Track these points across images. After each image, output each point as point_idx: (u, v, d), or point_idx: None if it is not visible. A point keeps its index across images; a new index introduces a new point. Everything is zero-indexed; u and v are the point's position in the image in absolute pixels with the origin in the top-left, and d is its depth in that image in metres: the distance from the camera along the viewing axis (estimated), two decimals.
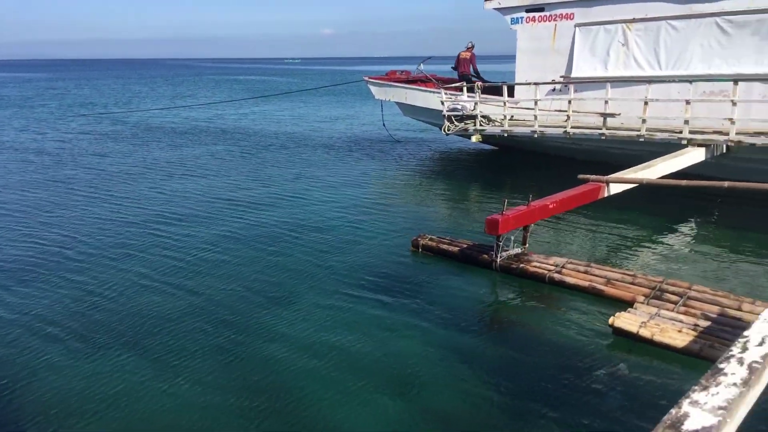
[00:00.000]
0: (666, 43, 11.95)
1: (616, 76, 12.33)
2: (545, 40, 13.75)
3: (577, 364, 5.30)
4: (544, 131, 12.65)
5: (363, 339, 5.82)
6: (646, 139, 11.10)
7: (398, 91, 17.04)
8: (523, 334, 6.00)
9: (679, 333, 5.47)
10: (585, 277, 6.87)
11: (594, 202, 8.64)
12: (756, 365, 3.56)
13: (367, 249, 8.47)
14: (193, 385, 5.06)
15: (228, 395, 4.90)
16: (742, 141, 10.14)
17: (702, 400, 3.18)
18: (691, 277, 7.12)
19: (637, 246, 8.63)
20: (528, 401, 4.76)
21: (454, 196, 12.33)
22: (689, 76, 11.28)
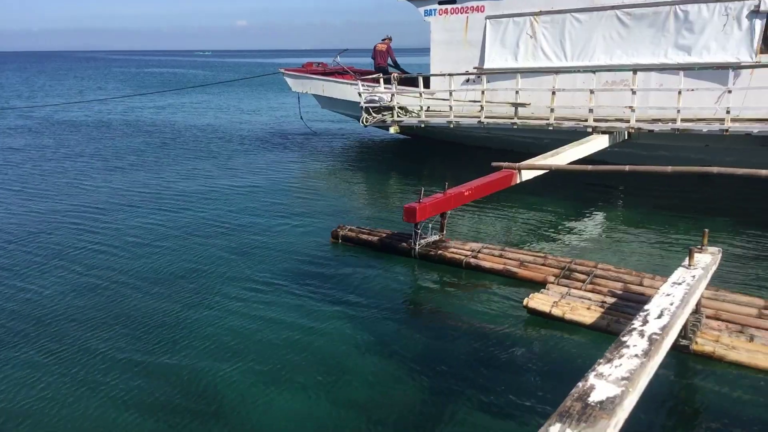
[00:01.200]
0: (571, 35, 12.46)
1: (525, 67, 12.75)
2: (458, 32, 14.01)
3: (495, 345, 5.46)
4: (460, 121, 12.92)
5: (284, 333, 5.74)
6: (554, 128, 11.55)
7: (315, 83, 16.90)
8: (443, 319, 6.11)
9: (587, 310, 5.74)
10: (500, 260, 7.08)
11: (507, 189, 8.91)
12: (656, 337, 3.78)
13: (286, 242, 8.36)
14: (101, 391, 4.82)
15: (142, 398, 4.71)
16: (642, 128, 10.74)
17: (606, 372, 3.35)
18: (597, 256, 7.49)
19: (548, 229, 8.99)
20: (450, 383, 4.85)
21: (374, 187, 12.38)
22: (592, 66, 11.83)
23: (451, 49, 14.20)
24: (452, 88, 12.75)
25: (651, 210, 9.66)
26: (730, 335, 5.15)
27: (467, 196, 7.89)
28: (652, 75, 11.37)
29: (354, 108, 15.08)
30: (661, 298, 4.37)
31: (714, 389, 4.67)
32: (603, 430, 2.83)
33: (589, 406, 3.00)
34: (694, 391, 4.76)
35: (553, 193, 10.56)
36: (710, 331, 5.21)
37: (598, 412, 2.95)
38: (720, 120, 10.04)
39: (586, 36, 12.28)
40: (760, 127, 9.79)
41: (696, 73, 10.60)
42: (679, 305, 4.24)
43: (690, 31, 11.11)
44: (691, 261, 4.93)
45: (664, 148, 11.14)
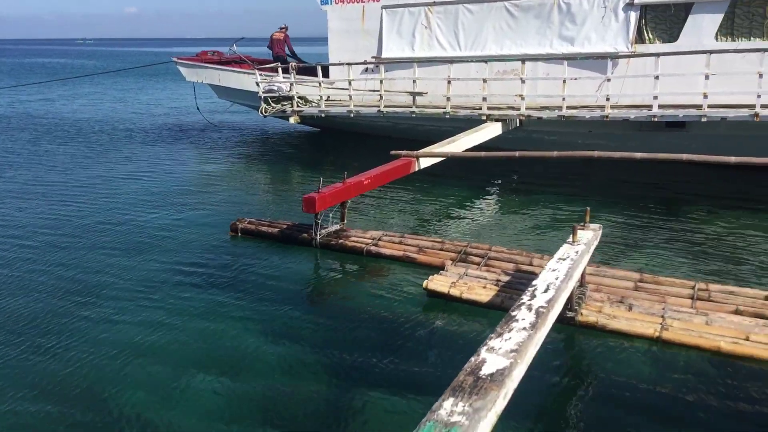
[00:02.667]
0: (464, 26, 12.82)
1: (421, 57, 13.00)
2: (355, 21, 14.04)
3: (397, 328, 5.55)
4: (360, 110, 12.98)
5: (184, 330, 5.56)
6: (451, 116, 11.88)
7: (210, 72, 16.38)
8: (346, 307, 6.14)
9: (483, 289, 5.97)
10: (400, 247, 7.21)
11: (407, 176, 9.07)
12: (542, 310, 4.00)
13: (184, 238, 8.09)
14: None
15: (35, 406, 4.39)
16: (531, 115, 11.27)
17: (497, 345, 3.50)
18: (492, 239, 7.80)
19: (446, 215, 9.25)
20: (355, 369, 4.89)
21: (275, 178, 12.21)
22: (484, 56, 12.25)
23: (348, 39, 14.21)
24: (351, 78, 12.78)
25: (541, 192, 10.16)
26: (611, 306, 5.53)
27: (367, 184, 7.96)
28: (540, 65, 11.93)
29: (252, 98, 14.77)
30: (548, 273, 4.63)
31: (598, 355, 5.00)
32: (493, 401, 2.96)
33: (480, 379, 3.12)
34: (581, 358, 5.09)
35: (451, 179, 10.86)
36: (594, 303, 5.57)
37: (489, 384, 3.09)
38: (601, 107, 10.70)
39: (477, 27, 12.69)
40: (636, 113, 10.54)
41: (578, 63, 11.23)
42: (564, 279, 4.51)
43: (572, 22, 11.76)
44: (574, 238, 5.25)
45: (553, 134, 11.75)
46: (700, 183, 10.44)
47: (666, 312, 5.30)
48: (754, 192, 9.70)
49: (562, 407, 4.41)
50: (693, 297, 5.63)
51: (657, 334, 5.01)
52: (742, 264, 6.88)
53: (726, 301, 5.53)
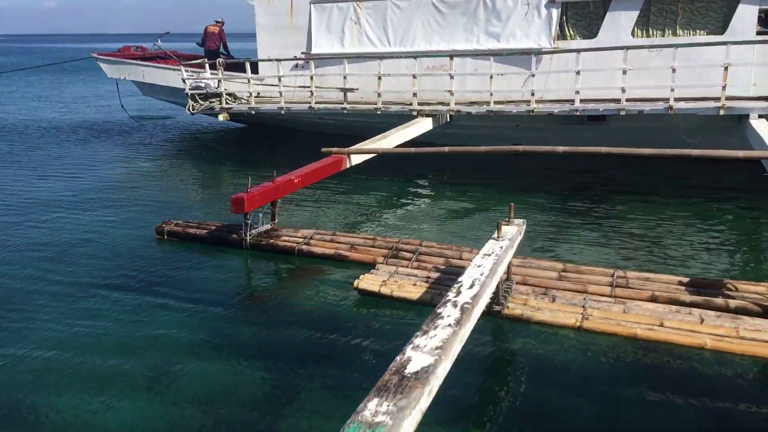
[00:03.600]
0: (392, 22, 12.88)
1: (351, 53, 12.96)
2: (283, 16, 13.86)
3: (328, 329, 5.52)
4: (291, 107, 12.83)
5: (110, 339, 5.35)
6: (382, 112, 11.91)
7: (134, 68, 15.80)
8: (278, 308, 6.06)
9: (413, 286, 6.03)
10: (331, 245, 7.19)
11: (339, 174, 9.04)
12: (467, 306, 4.07)
13: (106, 242, 7.79)
14: None
15: None
16: (461, 110, 11.45)
17: (422, 343, 3.54)
18: (423, 234, 7.89)
19: (378, 211, 9.29)
20: (287, 371, 4.83)
21: (203, 178, 11.92)
22: (414, 52, 12.35)
23: (277, 34, 14.01)
24: (281, 74, 12.61)
25: (471, 187, 10.36)
26: (536, 298, 5.70)
27: (297, 183, 7.88)
28: (468, 60, 12.13)
29: (179, 95, 14.34)
30: (473, 269, 4.72)
31: (524, 347, 5.14)
32: (417, 399, 3.00)
33: (405, 378, 3.15)
34: (508, 350, 5.21)
35: (383, 175, 10.91)
36: (519, 296, 5.73)
37: (414, 382, 3.12)
38: (527, 102, 10.98)
39: (406, 23, 12.76)
40: (560, 108, 10.88)
41: (504, 59, 11.49)
42: (489, 274, 4.61)
43: (497, 19, 12.01)
44: (499, 233, 5.37)
45: (482, 129, 11.97)
46: (620, 175, 10.89)
47: (587, 302, 5.52)
48: (666, 183, 10.20)
49: (490, 399, 4.52)
50: (612, 284, 5.87)
51: (578, 323, 5.21)
52: (657, 251, 7.23)
53: (643, 288, 5.80)
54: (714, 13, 10.82)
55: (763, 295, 5.51)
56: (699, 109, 9.92)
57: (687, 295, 5.62)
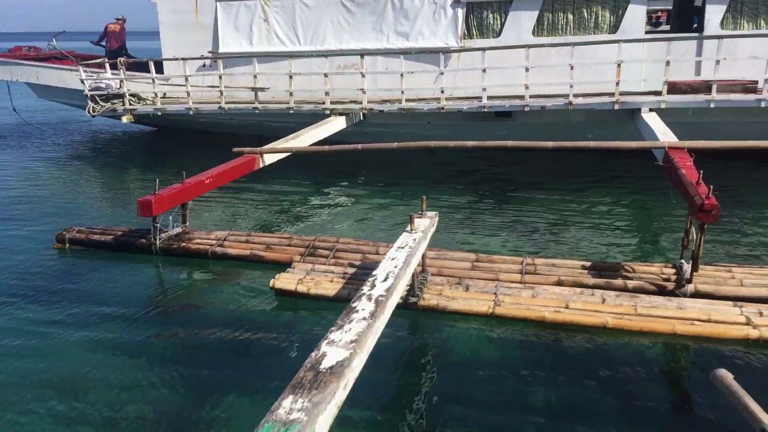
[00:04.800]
0: (302, 20, 12.79)
1: (261, 52, 12.77)
2: (188, 14, 13.44)
3: (246, 331, 5.42)
4: (199, 108, 12.47)
5: (9, 359, 5.00)
6: (295, 111, 11.81)
7: (27, 69, 14.83)
8: (193, 313, 5.89)
9: (330, 283, 6.03)
10: (246, 246, 7.06)
11: (252, 174, 8.88)
12: (381, 298, 4.11)
13: (4, 254, 7.27)
14: None
15: None
16: (373, 108, 11.54)
17: (337, 338, 3.55)
18: (339, 232, 7.90)
19: (293, 210, 9.21)
20: (204, 377, 4.71)
21: (108, 183, 11.38)
22: (324, 51, 12.32)
23: (182, 33, 13.57)
24: (188, 74, 12.22)
25: (385, 184, 10.47)
26: (450, 288, 5.84)
27: (208, 184, 7.68)
28: (379, 59, 12.24)
29: (78, 96, 13.58)
30: (387, 262, 4.77)
31: (440, 336, 5.26)
32: (332, 393, 3.00)
33: (320, 373, 3.15)
34: (424, 340, 5.31)
35: (298, 174, 10.83)
36: (435, 287, 5.85)
37: (329, 376, 3.12)
38: (437, 99, 11.22)
39: (316, 21, 12.71)
40: (468, 105, 11.18)
41: (414, 57, 11.68)
42: (402, 267, 4.67)
43: (406, 18, 12.20)
44: (412, 226, 5.46)
45: (395, 126, 12.12)
46: (528, 167, 11.34)
47: (498, 289, 5.71)
48: (570, 174, 10.73)
49: (408, 387, 4.59)
50: (522, 271, 6.11)
51: (491, 310, 5.38)
52: (562, 239, 7.60)
53: (550, 273, 6.08)
54: (607, 14, 11.48)
55: (657, 274, 5.91)
56: (596, 104, 10.49)
57: (590, 277, 5.94)
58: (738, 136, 7.93)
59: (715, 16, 10.94)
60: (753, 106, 9.79)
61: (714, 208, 5.30)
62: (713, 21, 10.97)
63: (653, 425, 4.01)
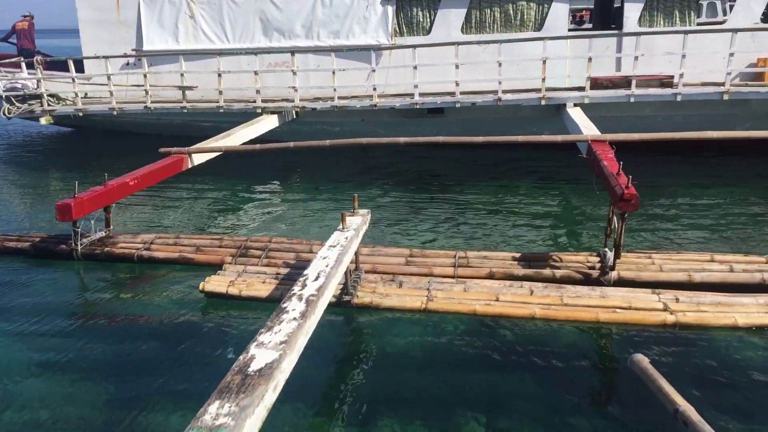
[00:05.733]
0: (230, 17, 12.52)
1: (188, 49, 12.42)
2: (109, 10, 12.92)
3: (176, 337, 5.26)
4: (124, 108, 12.01)
5: None
6: (225, 110, 11.55)
7: None
8: (119, 319, 5.65)
9: (263, 284, 5.93)
10: (175, 248, 6.85)
11: (181, 174, 8.63)
12: (312, 298, 4.07)
13: None
14: None
15: None
16: (306, 106, 11.43)
17: (267, 340, 3.48)
18: (272, 231, 7.78)
19: (224, 211, 9.01)
20: (134, 386, 4.54)
21: (25, 187, 10.79)
22: (254, 48, 12.11)
23: (103, 30, 13.03)
24: (111, 72, 11.74)
25: (319, 182, 10.38)
26: (384, 285, 5.85)
27: (133, 186, 7.40)
28: (310, 56, 12.13)
29: None
30: (319, 261, 4.73)
31: (374, 333, 5.26)
32: (261, 396, 2.95)
33: (248, 376, 3.08)
34: (359, 338, 5.30)
35: (229, 174, 10.61)
36: (368, 284, 5.84)
37: (257, 379, 3.06)
38: (369, 97, 11.22)
39: (244, 18, 12.48)
40: (401, 101, 11.24)
41: (346, 55, 11.65)
42: (334, 265, 4.64)
43: (336, 15, 12.14)
44: (344, 224, 5.44)
45: (329, 124, 12.06)
46: (460, 163, 11.51)
47: (431, 284, 5.77)
48: (501, 168, 10.97)
49: (343, 386, 4.56)
50: (455, 265, 6.19)
51: (424, 305, 5.43)
52: (494, 231, 7.75)
53: (482, 266, 6.18)
54: (532, 12, 11.79)
55: (583, 263, 6.11)
56: (523, 100, 10.76)
57: (520, 269, 6.08)
58: (656, 129, 8.30)
59: (633, 13, 11.42)
60: (670, 100, 10.28)
61: (633, 198, 5.52)
62: (631, 18, 11.45)
63: (579, 410, 4.13)
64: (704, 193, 9.05)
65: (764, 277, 5.61)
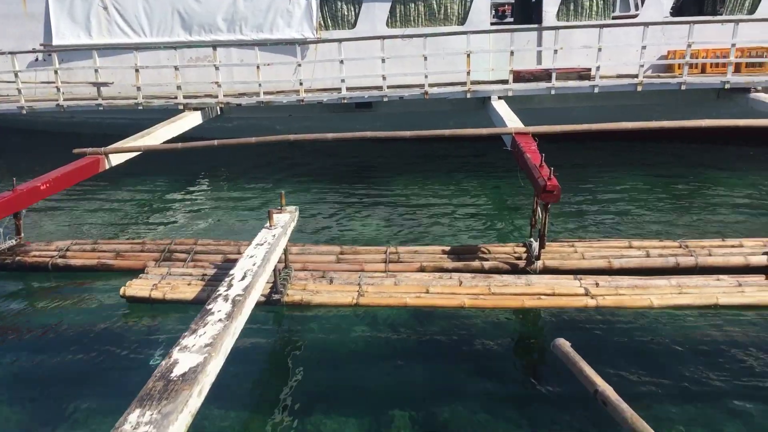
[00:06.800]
0: (146, 10, 12.04)
1: (101, 44, 11.85)
2: (14, 3, 12.15)
3: (96, 345, 5.03)
4: (33, 106, 11.33)
5: None
6: (144, 107, 11.10)
7: None
8: (34, 332, 5.34)
9: (188, 286, 5.73)
10: (93, 255, 6.53)
11: (98, 176, 8.22)
12: (239, 298, 3.96)
13: None
14: None
15: None
16: (230, 102, 11.14)
17: (190, 343, 3.36)
18: (198, 233, 7.55)
19: (146, 213, 8.68)
20: (49, 400, 4.33)
21: None
22: (173, 42, 11.69)
23: (8, 24, 12.24)
24: (18, 69, 11.05)
25: (247, 180, 10.18)
26: (315, 282, 5.78)
27: (44, 190, 6.97)
28: (233, 51, 11.83)
29: None
30: (245, 260, 4.62)
31: (305, 330, 5.19)
32: (185, 401, 2.84)
33: (171, 382, 2.97)
34: (290, 336, 5.22)
35: (151, 175, 10.23)
36: (299, 282, 5.76)
37: (181, 384, 2.95)
38: (296, 92, 11.06)
39: (161, 11, 12.03)
40: (328, 96, 11.14)
41: (271, 49, 11.42)
42: (261, 264, 4.54)
43: (259, 9, 11.89)
44: (271, 222, 5.33)
45: (255, 120, 11.80)
46: (389, 157, 11.55)
47: (362, 279, 5.74)
48: (429, 162, 11.09)
49: (276, 385, 4.49)
50: (386, 260, 6.19)
51: (355, 300, 5.40)
52: (425, 225, 7.82)
53: (413, 260, 6.21)
54: (455, 6, 11.94)
55: (510, 254, 6.25)
56: (449, 93, 10.88)
57: (450, 261, 6.15)
58: (577, 120, 8.58)
59: (551, 8, 11.77)
60: (588, 92, 10.66)
61: (555, 189, 5.67)
62: (550, 13, 11.79)
63: (508, 394, 4.23)
64: (622, 182, 9.46)
65: (678, 260, 5.90)
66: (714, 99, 10.85)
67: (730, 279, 5.55)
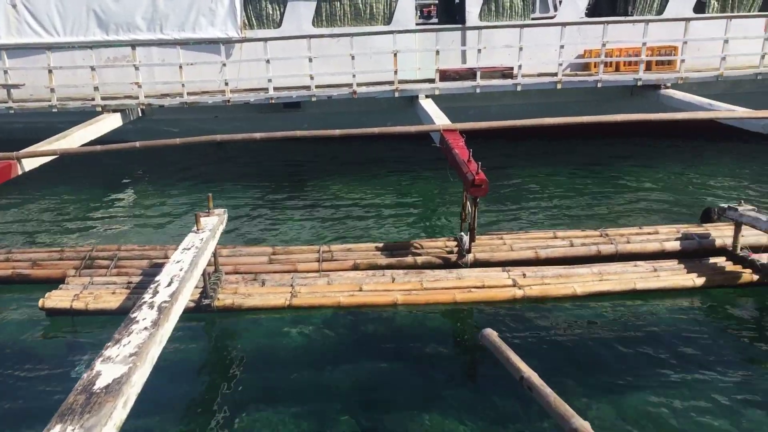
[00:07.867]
0: (59, 8, 11.45)
1: (10, 44, 11.19)
2: None
3: (12, 362, 4.77)
4: None
5: None
6: (59, 109, 10.57)
7: None
8: None
9: (113, 295, 5.51)
10: (6, 265, 6.17)
11: (9, 182, 7.74)
12: (165, 305, 3.84)
13: None
14: None
15: None
16: (152, 103, 10.76)
17: (114, 354, 3.23)
18: (122, 239, 7.27)
19: (64, 220, 8.27)
20: None
21: None
22: (89, 42, 11.17)
23: None
24: None
25: (172, 183, 9.88)
26: (246, 285, 5.68)
27: None
28: (153, 50, 11.43)
29: None
30: (172, 266, 4.48)
31: (237, 335, 5.10)
32: (109, 414, 2.73)
33: (94, 395, 2.85)
34: (221, 342, 5.11)
35: (68, 180, 9.77)
36: (230, 285, 5.64)
37: (104, 397, 2.84)
38: (222, 92, 10.81)
39: (76, 10, 11.47)
40: (255, 96, 10.96)
41: (194, 48, 11.11)
42: (189, 269, 4.41)
43: (180, 7, 11.54)
44: (198, 225, 5.19)
45: (180, 122, 11.46)
46: (319, 157, 11.49)
47: (295, 280, 5.69)
48: (360, 161, 11.11)
49: (208, 392, 4.38)
50: (319, 260, 6.15)
51: (288, 302, 5.35)
52: (358, 223, 7.82)
53: (346, 258, 6.21)
54: (381, 6, 12.00)
55: (442, 248, 6.35)
56: (377, 92, 10.93)
57: (383, 258, 6.19)
58: (501, 117, 8.80)
59: (474, 8, 12.02)
60: (511, 90, 10.96)
61: (483, 183, 5.80)
62: (473, 13, 12.04)
63: (441, 387, 4.29)
64: (547, 175, 9.79)
65: (599, 248, 6.17)
66: (628, 96, 11.41)
67: (646, 265, 5.86)
